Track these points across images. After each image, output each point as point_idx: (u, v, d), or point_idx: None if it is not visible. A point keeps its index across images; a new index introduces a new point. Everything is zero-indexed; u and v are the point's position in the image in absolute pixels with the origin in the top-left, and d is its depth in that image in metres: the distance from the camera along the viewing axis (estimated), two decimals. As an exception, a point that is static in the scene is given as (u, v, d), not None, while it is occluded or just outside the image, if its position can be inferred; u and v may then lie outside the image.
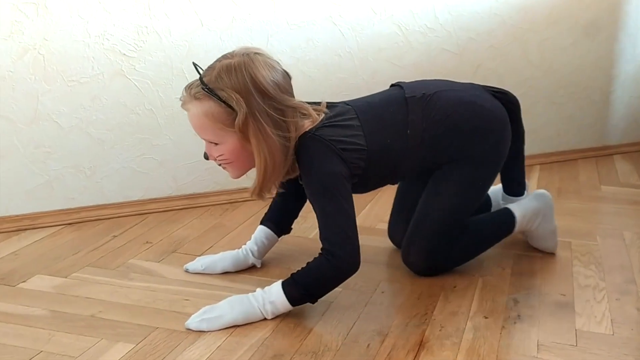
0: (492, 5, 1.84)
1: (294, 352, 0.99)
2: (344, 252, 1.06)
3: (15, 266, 1.30)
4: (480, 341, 1.02)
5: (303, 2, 1.64)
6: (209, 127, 1.06)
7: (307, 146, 1.09)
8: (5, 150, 1.47)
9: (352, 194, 1.11)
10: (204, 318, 1.05)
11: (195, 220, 1.57)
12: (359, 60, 1.75)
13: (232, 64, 1.03)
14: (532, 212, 1.29)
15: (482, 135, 1.20)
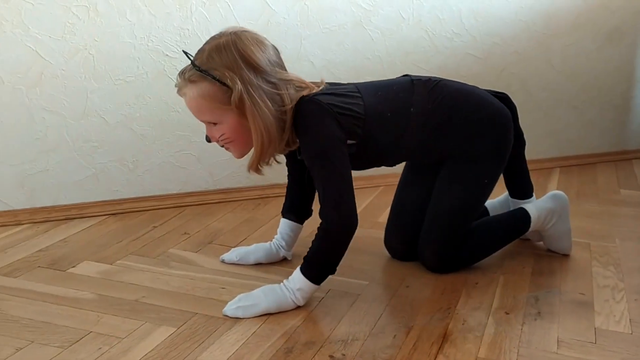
0: (517, 12, 1.83)
1: (324, 340, 1.01)
2: (339, 216, 1.07)
3: (64, 252, 1.35)
4: (501, 335, 1.03)
5: (335, 8, 1.66)
6: (207, 107, 1.06)
7: (304, 109, 1.07)
8: (56, 143, 1.52)
9: (348, 156, 1.10)
10: (240, 306, 1.08)
11: (229, 213, 1.61)
12: (387, 64, 1.76)
13: (220, 43, 1.04)
14: (547, 212, 1.28)
15: (488, 127, 1.19)
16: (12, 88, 1.45)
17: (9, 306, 1.11)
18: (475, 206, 1.23)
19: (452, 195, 1.21)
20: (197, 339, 1.01)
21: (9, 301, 1.13)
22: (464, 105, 1.18)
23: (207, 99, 1.04)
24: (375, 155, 1.19)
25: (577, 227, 1.47)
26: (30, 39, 1.43)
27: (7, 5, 1.39)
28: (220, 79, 1.02)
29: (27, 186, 1.52)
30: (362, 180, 1.80)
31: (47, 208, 1.54)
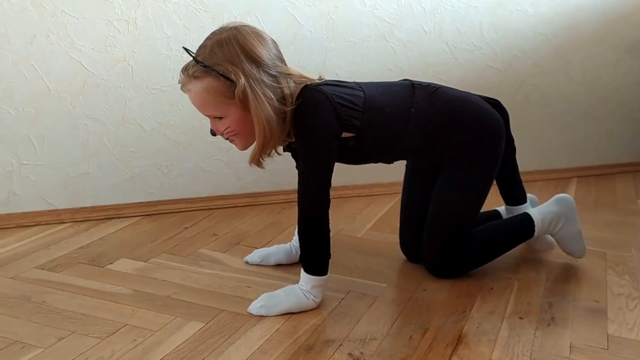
0: (537, 25, 1.82)
1: (344, 339, 1.04)
2: (315, 204, 1.08)
3: (103, 250, 1.41)
4: (514, 339, 1.04)
5: (359, 21, 1.69)
6: (211, 102, 1.05)
7: (305, 96, 1.07)
8: (97, 148, 1.59)
9: (336, 150, 1.10)
10: (264, 305, 1.11)
11: (255, 216, 1.65)
12: (408, 75, 1.76)
13: (222, 38, 1.04)
14: (552, 216, 1.26)
15: (483, 134, 1.20)
16: (58, 96, 1.53)
17: (52, 299, 1.17)
18: (473, 210, 1.23)
19: (450, 200, 1.21)
20: (224, 334, 1.05)
21: (52, 294, 1.19)
22: (461, 112, 1.19)
23: (211, 93, 1.04)
24: (373, 150, 1.18)
25: (594, 236, 1.47)
26: (75, 50, 1.50)
27: (54, 20, 1.47)
28: (224, 74, 1.02)
29: (69, 188, 1.59)
30: (382, 187, 1.82)
31: (88, 208, 1.61)
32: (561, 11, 1.83)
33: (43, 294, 1.19)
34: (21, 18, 1.45)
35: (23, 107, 1.51)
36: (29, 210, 1.56)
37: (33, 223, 1.56)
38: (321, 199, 1.09)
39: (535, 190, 1.84)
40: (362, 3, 1.68)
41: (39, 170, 1.55)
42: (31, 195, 1.56)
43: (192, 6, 1.55)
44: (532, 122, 1.92)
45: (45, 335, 1.04)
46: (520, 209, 1.31)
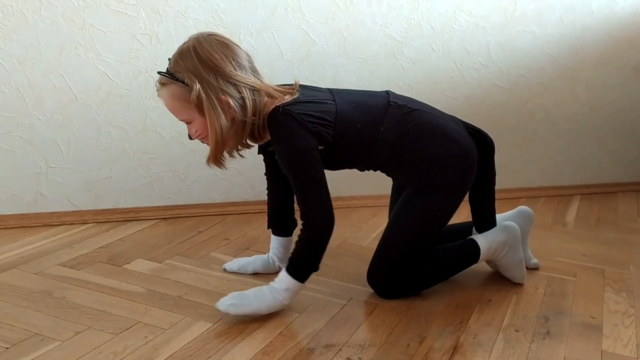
0: (543, 45, 1.82)
1: (343, 344, 1.05)
2: (320, 217, 1.09)
3: (121, 250, 1.45)
4: (509, 351, 1.03)
5: (370, 39, 1.71)
6: (178, 107, 1.08)
7: (277, 121, 1.07)
8: (118, 154, 1.63)
9: (320, 161, 1.10)
10: (233, 303, 1.09)
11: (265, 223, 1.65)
12: (416, 92, 1.78)
13: (183, 48, 1.06)
14: (498, 243, 1.24)
15: (447, 166, 1.17)
16: (84, 104, 1.57)
17: (72, 295, 1.20)
18: (426, 237, 1.20)
19: (405, 223, 1.19)
20: (229, 334, 1.07)
21: (72, 290, 1.22)
22: (428, 139, 1.16)
23: (175, 99, 1.07)
24: (344, 161, 1.19)
25: (594, 253, 1.46)
26: (101, 62, 1.55)
27: (82, 33, 1.52)
28: (183, 80, 1.04)
29: (92, 190, 1.63)
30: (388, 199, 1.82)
31: (109, 210, 1.65)
32: (567, 33, 1.83)
33: (64, 290, 1.22)
34: (52, 31, 1.50)
35: (52, 114, 1.56)
36: (55, 211, 1.61)
37: (58, 222, 1.60)
38: (326, 213, 1.09)
39: (539, 206, 1.84)
40: (373, 21, 1.70)
41: (65, 173, 1.60)
42: (57, 197, 1.61)
43: (211, 22, 1.59)
44: (537, 139, 1.91)
45: (63, 329, 1.07)
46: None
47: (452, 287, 1.26)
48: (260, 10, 1.61)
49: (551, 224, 1.69)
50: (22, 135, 1.55)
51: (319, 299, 1.21)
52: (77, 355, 0.99)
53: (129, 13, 1.53)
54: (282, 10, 1.63)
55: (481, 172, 1.23)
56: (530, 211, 1.35)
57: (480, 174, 1.23)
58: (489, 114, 1.85)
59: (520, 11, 1.77)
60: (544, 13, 1.79)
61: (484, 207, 1.29)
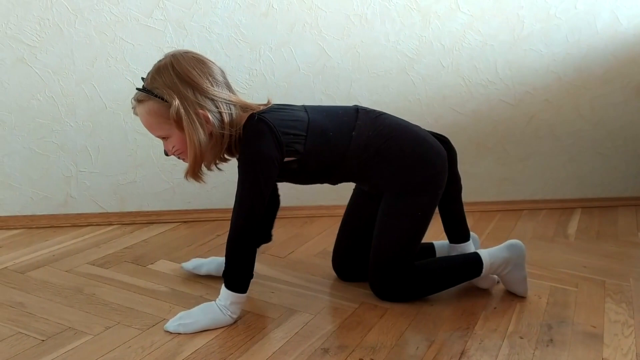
0: (549, 64, 1.86)
1: (356, 345, 1.08)
2: (249, 225, 1.08)
3: (145, 251, 1.49)
4: (514, 357, 1.06)
5: (383, 55, 1.75)
6: (155, 123, 1.07)
7: (249, 125, 1.08)
8: (143, 160, 1.68)
9: (275, 178, 1.11)
10: (181, 323, 1.08)
11: (280, 228, 1.70)
12: (425, 106, 1.83)
13: (160, 65, 1.06)
14: (502, 261, 1.24)
15: (421, 163, 1.18)
16: (113, 113, 1.63)
17: (101, 292, 1.25)
18: (413, 238, 1.21)
19: (390, 229, 1.20)
20: (249, 333, 1.11)
21: (101, 288, 1.27)
22: (400, 138, 1.18)
23: (152, 115, 1.06)
24: (316, 172, 1.18)
25: (595, 265, 1.48)
26: (130, 73, 1.60)
27: (113, 45, 1.57)
28: (161, 96, 1.04)
29: (118, 194, 1.68)
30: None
31: (133, 213, 1.69)
32: (573, 52, 1.86)
33: (93, 287, 1.27)
34: (85, 43, 1.56)
35: (83, 121, 1.61)
36: (83, 212, 1.66)
37: (86, 224, 1.65)
38: (252, 219, 1.09)
39: (541, 218, 1.87)
40: (385, 39, 1.74)
41: (93, 177, 1.66)
42: (85, 199, 1.66)
43: (233, 37, 1.65)
44: (541, 154, 1.94)
45: (94, 324, 1.11)
46: (463, 247, 1.30)
47: (459, 294, 1.29)
48: (280, 26, 1.67)
49: (553, 236, 1.71)
50: (55, 141, 1.61)
51: (332, 302, 1.24)
52: (109, 348, 1.03)
53: (156, 27, 1.59)
54: (300, 27, 1.68)
55: (447, 179, 1.24)
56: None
57: (447, 181, 1.24)
58: (495, 129, 1.89)
59: (527, 31, 1.81)
60: (551, 33, 1.83)
61: (454, 215, 1.29)
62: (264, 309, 1.20)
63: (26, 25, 1.51)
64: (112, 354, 1.02)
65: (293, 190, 1.78)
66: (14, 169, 1.60)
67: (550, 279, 1.40)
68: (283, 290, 1.29)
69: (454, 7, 1.75)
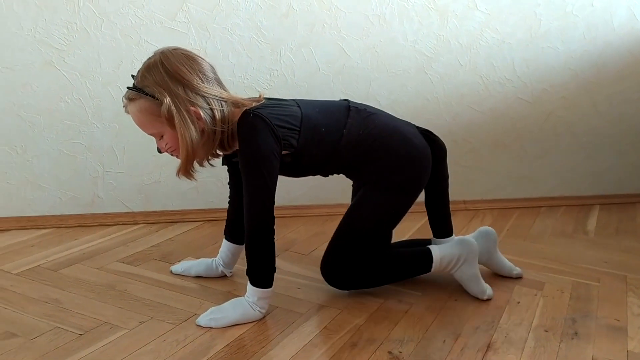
0: (566, 61, 1.87)
1: (384, 339, 1.10)
2: (262, 219, 1.10)
3: (172, 249, 1.52)
4: (540, 350, 1.08)
5: (401, 55, 1.77)
6: (147, 121, 1.07)
7: (244, 121, 1.08)
8: (167, 160, 1.68)
9: (277, 169, 1.11)
10: (212, 317, 1.12)
11: (301, 226, 1.73)
12: (443, 105, 1.85)
13: (150, 63, 1.07)
14: (451, 256, 1.24)
15: (404, 163, 1.20)
16: (138, 114, 1.66)
17: (132, 288, 1.28)
18: (379, 232, 1.22)
19: (360, 217, 1.21)
20: (278, 327, 1.13)
21: (132, 284, 1.30)
22: (387, 139, 1.19)
23: (144, 113, 1.06)
24: (308, 165, 1.19)
25: (615, 260, 1.49)
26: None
27: (138, 48, 1.60)
28: (151, 94, 1.04)
29: (143, 193, 1.72)
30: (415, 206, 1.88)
31: (158, 212, 1.73)
32: (590, 49, 1.87)
33: (125, 283, 1.30)
34: (111, 46, 1.60)
35: (109, 122, 1.65)
36: (109, 212, 1.70)
37: (112, 223, 1.69)
38: (266, 216, 1.10)
39: (559, 215, 1.88)
40: (404, 38, 1.76)
41: (119, 177, 1.69)
42: (112, 199, 1.70)
43: (255, 38, 1.68)
44: (558, 151, 1.95)
45: (128, 319, 1.15)
46: (446, 241, 1.31)
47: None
48: (300, 27, 1.69)
49: (572, 232, 1.72)
50: (83, 142, 1.65)
51: (358, 297, 1.26)
52: (144, 342, 1.07)
53: (180, 30, 1.62)
54: (319, 27, 1.71)
55: (434, 174, 1.25)
56: (492, 230, 1.34)
57: (434, 176, 1.25)
58: (513, 127, 1.90)
59: (544, 28, 1.83)
60: (568, 30, 1.84)
61: (439, 210, 1.30)
62: (292, 304, 1.23)
63: (54, 29, 1.55)
64: (148, 347, 1.05)
65: (313, 189, 1.81)
66: (43, 169, 1.65)
67: (572, 274, 1.41)
68: (309, 286, 1.31)
69: (472, 6, 1.77)
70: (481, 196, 1.95)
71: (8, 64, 1.55)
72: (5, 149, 1.61)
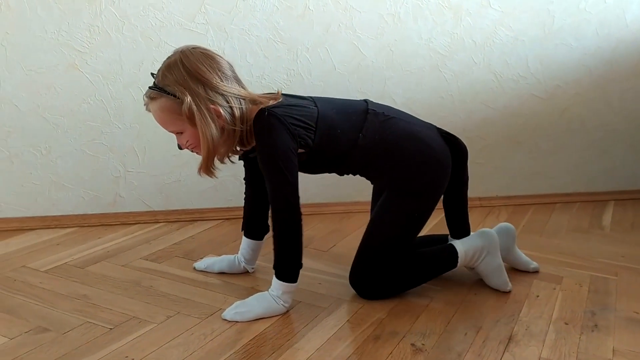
0: (580, 58, 1.88)
1: (406, 331, 1.12)
2: (288, 215, 1.11)
3: (193, 246, 1.55)
4: (561, 342, 1.10)
5: (416, 53, 1.79)
6: (168, 119, 1.09)
7: (261, 120, 1.09)
8: (187, 160, 1.73)
9: (297, 165, 1.11)
10: (237, 311, 1.14)
11: (319, 224, 1.76)
12: (458, 102, 1.86)
13: (170, 62, 1.09)
14: (475, 248, 1.26)
15: (421, 171, 1.20)
16: (157, 114, 1.70)
17: (158, 284, 1.31)
18: (404, 238, 1.23)
19: (384, 224, 1.21)
20: (302, 321, 1.16)
21: (157, 280, 1.33)
22: (405, 146, 1.20)
23: (165, 112, 1.09)
24: (323, 164, 1.21)
25: (633, 255, 1.50)
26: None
27: (158, 50, 1.63)
28: (173, 93, 1.06)
29: (164, 192, 1.75)
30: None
31: (178, 211, 1.76)
32: (603, 45, 1.88)
33: (150, 280, 1.33)
34: (132, 48, 1.63)
35: (130, 123, 1.69)
36: (131, 211, 1.73)
37: (134, 222, 1.72)
38: (292, 212, 1.12)
39: (574, 211, 1.89)
40: (418, 37, 1.78)
41: (140, 176, 1.73)
42: (133, 198, 1.73)
43: (272, 39, 1.70)
44: (572, 147, 1.96)
45: (156, 313, 1.17)
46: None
47: (501, 284, 1.33)
48: (316, 27, 1.72)
49: (588, 228, 1.73)
50: (105, 143, 1.68)
51: (379, 292, 1.28)
52: (173, 335, 1.09)
53: (198, 31, 1.65)
54: (335, 27, 1.73)
55: (454, 177, 1.26)
56: (511, 227, 1.35)
57: (454, 179, 1.26)
58: (527, 123, 1.91)
59: (558, 25, 1.84)
60: (581, 27, 1.85)
61: (457, 212, 1.31)
62: (314, 298, 1.25)
63: (77, 32, 1.59)
64: (176, 340, 1.08)
65: (330, 187, 1.83)
66: (67, 170, 1.68)
67: (590, 268, 1.42)
68: (330, 282, 1.34)
69: (485, 4, 1.79)
70: (496, 193, 1.96)
71: (33, 67, 1.59)
72: (31, 150, 1.65)
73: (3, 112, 1.61)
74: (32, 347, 1.05)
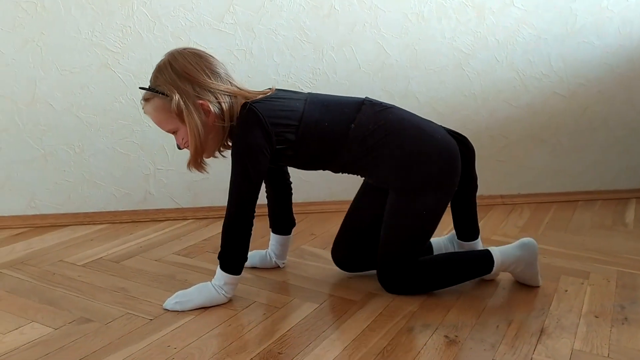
0: (602, 56, 1.89)
1: (439, 324, 1.15)
2: (240, 210, 1.14)
3: (223, 241, 1.60)
4: (593, 334, 1.12)
5: (439, 52, 1.82)
6: (162, 118, 1.13)
7: (241, 114, 1.13)
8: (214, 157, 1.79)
9: (265, 164, 1.13)
10: (178, 301, 1.17)
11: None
12: (480, 100, 1.89)
13: (160, 64, 1.14)
14: (513, 259, 1.25)
15: (423, 162, 1.17)
16: (185, 113, 1.74)
17: (192, 278, 1.35)
18: (417, 236, 1.22)
19: (396, 227, 1.21)
20: (335, 313, 1.19)
21: (191, 274, 1.37)
22: (402, 134, 1.17)
23: (159, 111, 1.13)
24: (312, 160, 1.21)
25: (658, 250, 1.53)
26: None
27: (185, 50, 1.68)
28: (162, 92, 1.11)
29: (192, 190, 1.79)
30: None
31: (206, 208, 1.80)
32: (625, 44, 1.89)
33: (184, 274, 1.37)
34: (162, 48, 1.64)
35: (160, 121, 1.73)
36: (160, 208, 1.77)
37: (163, 218, 1.77)
38: (244, 208, 1.14)
39: (597, 208, 1.90)
40: (442, 35, 1.81)
41: (169, 174, 1.77)
42: (162, 195, 1.78)
43: (298, 38, 1.74)
44: (595, 145, 1.98)
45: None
46: (471, 245, 1.32)
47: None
48: (341, 27, 1.75)
49: (612, 225, 1.75)
50: (136, 141, 1.73)
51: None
52: (212, 326, 1.13)
53: (227, 31, 1.70)
54: (360, 26, 1.76)
55: (463, 177, 1.23)
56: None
57: (462, 179, 1.23)
58: (549, 121, 1.93)
59: (580, 24, 1.86)
60: (603, 25, 1.86)
61: (465, 213, 1.30)
62: (345, 292, 1.28)
63: (110, 32, 1.64)
64: (215, 330, 1.11)
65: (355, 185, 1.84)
66: (99, 167, 1.73)
67: (616, 264, 1.44)
68: (358, 276, 1.36)
69: (508, 3, 1.81)
70: (518, 190, 1.98)
71: (67, 67, 1.64)
72: (64, 148, 1.70)
73: (39, 111, 1.66)
74: (77, 337, 1.09)
